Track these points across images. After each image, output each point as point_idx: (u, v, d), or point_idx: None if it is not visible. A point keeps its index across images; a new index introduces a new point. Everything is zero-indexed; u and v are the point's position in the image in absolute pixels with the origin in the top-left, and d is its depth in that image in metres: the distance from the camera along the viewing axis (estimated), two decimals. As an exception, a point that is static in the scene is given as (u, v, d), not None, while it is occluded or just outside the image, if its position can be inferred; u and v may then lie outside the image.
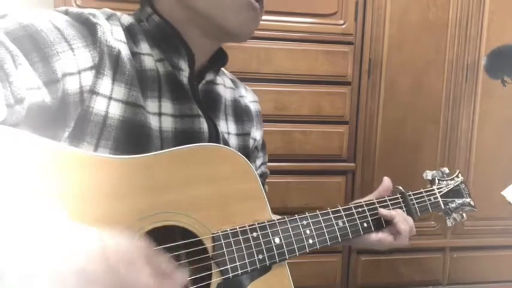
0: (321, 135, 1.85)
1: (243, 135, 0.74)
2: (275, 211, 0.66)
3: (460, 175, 0.88)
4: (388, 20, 1.87)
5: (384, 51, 1.89)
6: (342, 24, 1.83)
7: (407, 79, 1.92)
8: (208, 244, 0.56)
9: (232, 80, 0.78)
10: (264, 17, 2.00)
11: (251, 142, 0.76)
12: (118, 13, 0.62)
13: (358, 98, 1.90)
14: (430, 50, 1.92)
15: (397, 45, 1.89)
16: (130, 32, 0.60)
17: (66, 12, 0.55)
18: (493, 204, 2.00)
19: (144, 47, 0.60)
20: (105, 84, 0.54)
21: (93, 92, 0.53)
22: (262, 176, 0.81)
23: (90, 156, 0.50)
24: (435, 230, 2.04)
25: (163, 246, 0.53)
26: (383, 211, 0.75)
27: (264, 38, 1.77)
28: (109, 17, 0.59)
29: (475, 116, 2.01)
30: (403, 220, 0.75)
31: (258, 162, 0.80)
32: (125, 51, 0.57)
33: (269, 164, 1.84)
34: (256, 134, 0.78)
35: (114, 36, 0.57)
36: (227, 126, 0.71)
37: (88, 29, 0.54)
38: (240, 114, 0.75)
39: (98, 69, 0.53)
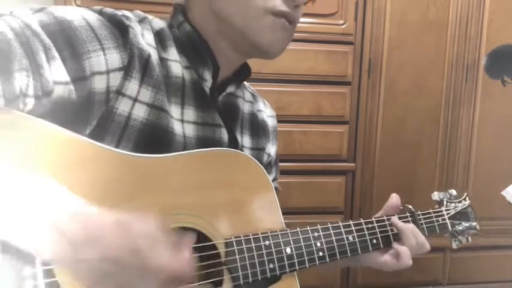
0: (321, 135, 1.85)
1: (258, 149, 0.74)
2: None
3: (467, 198, 0.89)
4: (388, 20, 1.87)
5: (384, 51, 1.89)
6: (342, 24, 1.83)
7: (407, 79, 1.92)
8: (221, 249, 0.56)
9: (252, 94, 0.79)
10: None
11: (265, 157, 0.76)
12: (150, 16, 0.62)
13: (358, 98, 1.90)
14: (430, 50, 1.92)
15: (397, 45, 1.89)
16: (160, 37, 0.60)
17: (100, 12, 0.56)
18: (493, 204, 2.00)
19: (172, 53, 0.61)
20: (132, 86, 0.54)
21: (119, 92, 0.53)
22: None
23: (109, 150, 0.50)
24: (435, 230, 2.04)
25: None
26: (396, 221, 0.74)
27: (264, 38, 1.76)
28: (141, 20, 0.60)
29: (475, 116, 2.01)
30: (410, 235, 0.73)
31: (270, 177, 0.80)
32: (154, 56, 0.57)
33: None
34: (271, 149, 0.79)
35: (145, 39, 0.57)
36: (242, 139, 0.71)
37: (120, 30, 0.55)
38: (257, 128, 0.75)
39: (126, 70, 0.54)
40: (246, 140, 0.72)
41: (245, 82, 0.77)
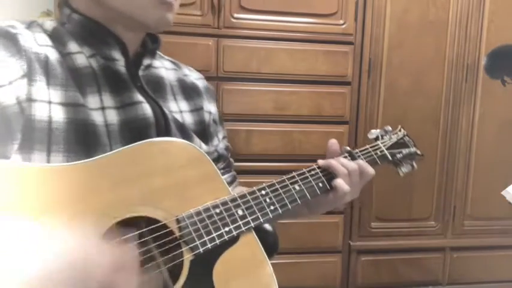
0: (321, 135, 1.85)
1: (197, 110, 0.75)
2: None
3: (402, 129, 0.93)
4: (388, 20, 1.87)
5: (384, 51, 1.89)
6: (342, 24, 1.83)
7: (407, 79, 1.92)
8: (174, 226, 0.58)
9: (173, 62, 0.79)
10: (264, 17, 2.00)
11: (206, 116, 0.77)
12: (39, 20, 0.63)
13: (358, 98, 1.90)
14: (430, 50, 1.92)
15: (397, 45, 1.89)
16: (55, 36, 0.60)
17: None
18: (493, 204, 2.00)
19: (73, 47, 0.61)
20: (41, 90, 0.54)
21: (30, 99, 0.53)
22: (227, 149, 0.83)
23: (40, 167, 0.50)
24: (435, 230, 2.04)
25: (130, 235, 0.54)
26: (320, 161, 0.77)
27: (264, 38, 1.77)
28: (29, 25, 0.60)
29: (475, 116, 2.01)
30: (338, 165, 0.75)
31: (220, 135, 0.82)
32: (53, 55, 0.57)
33: (269, 164, 1.83)
34: (210, 107, 0.79)
35: (38, 42, 0.57)
36: (178, 105, 0.72)
37: (9, 40, 0.55)
38: (188, 91, 0.75)
39: (29, 76, 0.53)
40: (182, 105, 0.72)
41: (161, 53, 0.78)
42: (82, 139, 0.56)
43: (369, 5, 1.84)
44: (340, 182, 0.74)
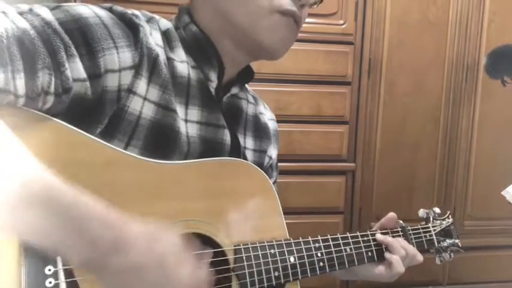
0: (321, 135, 1.85)
1: (260, 151, 0.75)
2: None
3: (450, 216, 0.94)
4: (388, 20, 1.87)
5: (384, 51, 1.89)
6: (342, 24, 1.83)
7: (407, 79, 1.92)
8: (230, 256, 0.58)
9: (253, 96, 0.80)
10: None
11: (266, 159, 0.77)
12: (157, 16, 0.63)
13: (358, 98, 1.90)
14: (430, 50, 1.92)
15: (397, 45, 1.89)
16: (167, 37, 0.61)
17: (111, 10, 0.57)
18: (493, 204, 2.00)
19: (179, 54, 0.61)
20: (142, 84, 0.55)
21: (130, 91, 0.54)
22: None
23: (125, 154, 0.52)
24: (435, 230, 2.04)
25: (205, 251, 0.55)
26: (378, 235, 0.77)
27: (264, 38, 1.77)
28: (149, 20, 0.61)
29: (475, 116, 2.01)
30: (398, 246, 0.77)
31: (271, 180, 0.83)
32: (162, 56, 0.58)
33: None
34: (273, 152, 0.80)
35: (153, 39, 0.58)
36: (245, 141, 0.72)
37: (131, 29, 0.56)
38: (259, 130, 0.76)
39: (137, 69, 0.55)
40: (248, 142, 0.73)
41: (248, 87, 0.79)
42: (163, 142, 0.57)
43: (369, 5, 1.84)
44: (398, 261, 0.75)
